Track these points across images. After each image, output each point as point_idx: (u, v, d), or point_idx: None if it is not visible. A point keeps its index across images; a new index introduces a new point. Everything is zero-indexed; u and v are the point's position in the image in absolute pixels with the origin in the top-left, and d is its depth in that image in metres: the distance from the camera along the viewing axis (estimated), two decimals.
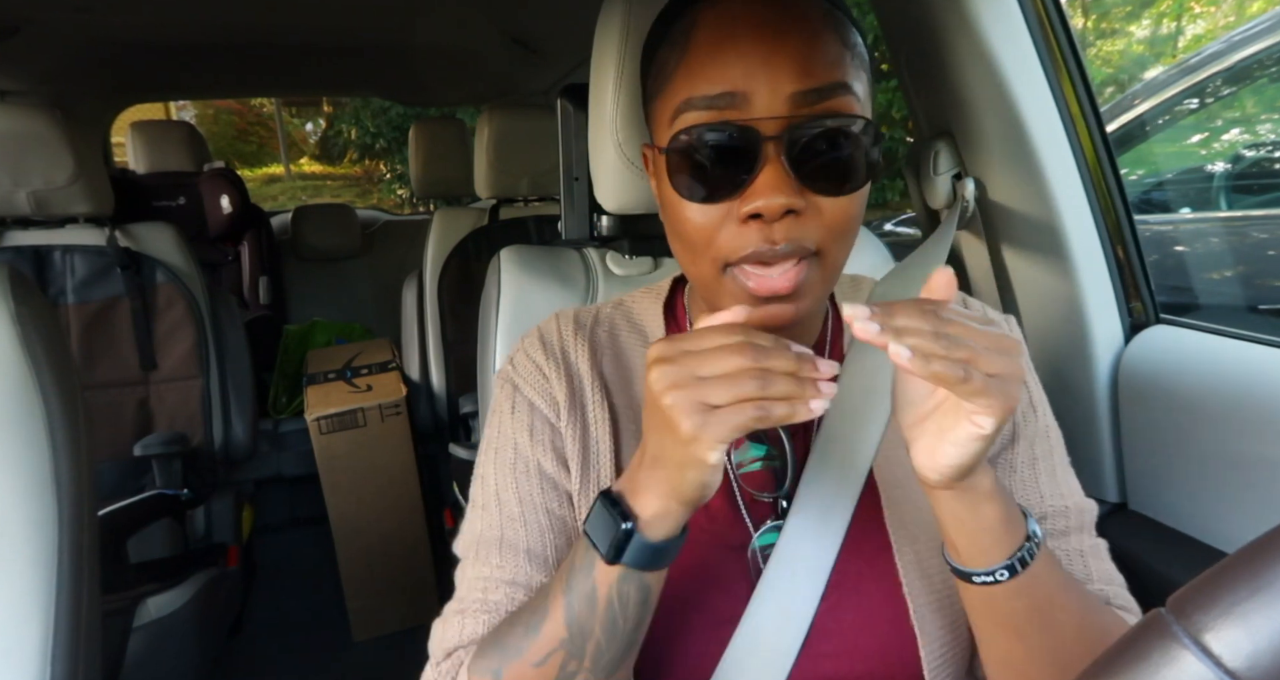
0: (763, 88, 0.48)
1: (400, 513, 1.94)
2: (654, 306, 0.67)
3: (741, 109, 0.49)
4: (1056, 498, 0.61)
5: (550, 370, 0.63)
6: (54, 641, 0.72)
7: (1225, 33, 2.68)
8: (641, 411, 0.61)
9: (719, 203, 0.51)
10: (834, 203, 0.50)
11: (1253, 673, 0.22)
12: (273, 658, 1.90)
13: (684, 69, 0.51)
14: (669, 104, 0.53)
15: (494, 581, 0.58)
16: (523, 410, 0.62)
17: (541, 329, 0.67)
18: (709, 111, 0.50)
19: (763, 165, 0.49)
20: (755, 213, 0.49)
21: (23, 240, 1.65)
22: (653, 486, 0.47)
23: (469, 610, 0.57)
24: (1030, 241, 0.99)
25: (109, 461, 1.66)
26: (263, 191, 9.32)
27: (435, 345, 2.03)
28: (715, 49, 0.50)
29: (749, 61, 0.49)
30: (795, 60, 0.48)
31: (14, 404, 0.75)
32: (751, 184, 0.49)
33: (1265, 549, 0.24)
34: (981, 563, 0.48)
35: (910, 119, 1.13)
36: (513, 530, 0.59)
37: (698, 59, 0.50)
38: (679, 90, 0.52)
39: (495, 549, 0.58)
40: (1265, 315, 1.58)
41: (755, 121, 0.49)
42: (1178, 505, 0.88)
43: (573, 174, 0.85)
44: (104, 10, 1.69)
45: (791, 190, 0.48)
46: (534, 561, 0.58)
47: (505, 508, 0.60)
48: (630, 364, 0.65)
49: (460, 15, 1.90)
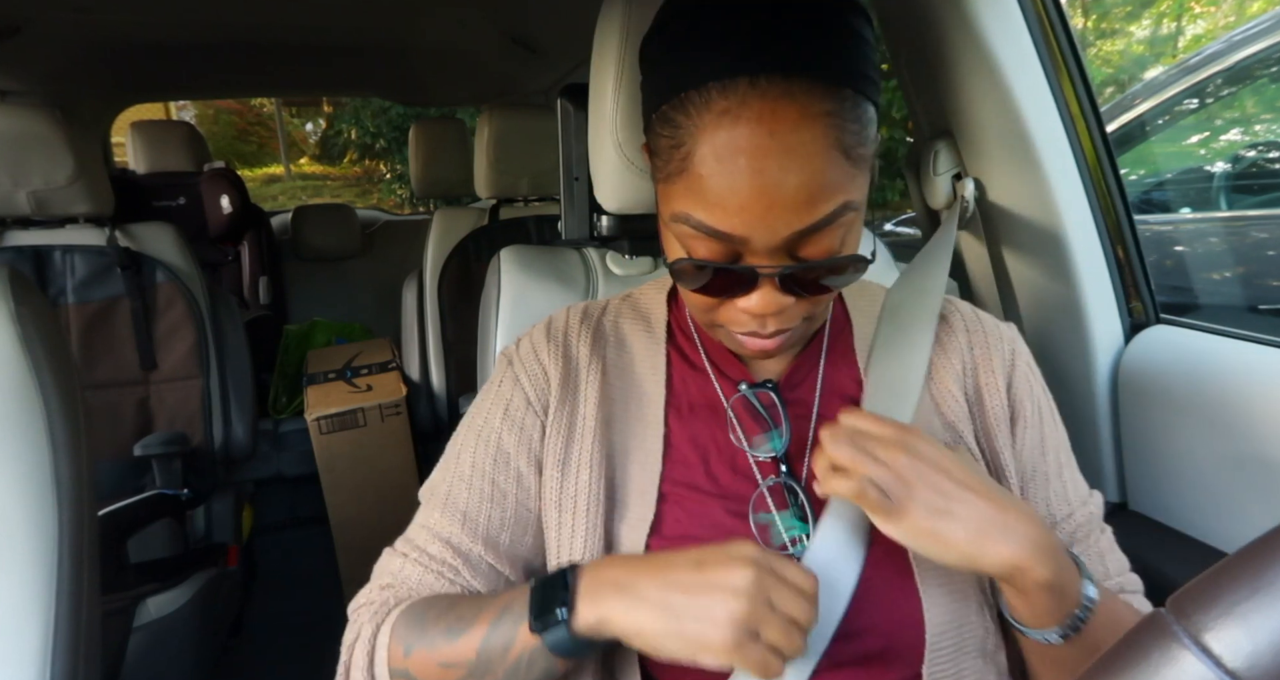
0: (760, 233, 0.49)
1: (400, 513, 1.91)
2: (658, 296, 0.70)
3: (740, 245, 0.50)
4: (1069, 505, 0.62)
5: (547, 355, 0.66)
6: (54, 641, 0.72)
7: (1225, 33, 2.68)
8: (641, 391, 0.64)
9: (715, 296, 0.54)
10: (825, 295, 0.54)
11: (1253, 673, 0.22)
12: (273, 658, 1.89)
13: (683, 178, 0.50)
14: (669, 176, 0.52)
15: (433, 535, 0.62)
16: (507, 386, 0.66)
17: (552, 318, 0.71)
18: (705, 238, 0.50)
19: (758, 287, 0.52)
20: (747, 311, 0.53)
21: (23, 240, 1.64)
22: (620, 608, 0.48)
23: (410, 556, 0.62)
24: (1030, 241, 0.99)
25: (109, 461, 1.66)
26: (263, 191, 9.31)
27: (435, 345, 2.03)
28: (716, 182, 0.48)
29: (748, 212, 0.48)
30: (797, 202, 0.47)
31: (14, 404, 0.74)
32: (747, 295, 0.52)
33: (1265, 549, 0.24)
34: (1036, 625, 0.51)
35: (910, 119, 1.13)
36: (458, 489, 0.63)
37: (698, 179, 0.49)
38: (677, 190, 0.51)
39: (441, 503, 0.63)
40: (1265, 315, 1.58)
41: (750, 264, 0.51)
42: (1178, 505, 0.88)
43: (573, 174, 0.85)
44: (104, 10, 1.68)
45: (784, 303, 0.52)
46: (466, 525, 0.61)
47: (459, 467, 0.64)
48: (632, 349, 0.67)
49: (460, 15, 1.90)
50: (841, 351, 0.66)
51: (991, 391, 0.63)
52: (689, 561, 0.48)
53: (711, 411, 0.63)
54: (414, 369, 2.06)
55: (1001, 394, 0.63)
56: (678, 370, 0.65)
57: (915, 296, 0.68)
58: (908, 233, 2.69)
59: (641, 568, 0.49)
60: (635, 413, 0.64)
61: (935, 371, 0.64)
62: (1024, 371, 0.64)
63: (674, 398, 0.64)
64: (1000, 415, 0.62)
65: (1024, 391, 0.63)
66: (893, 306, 0.68)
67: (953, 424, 0.62)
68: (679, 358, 0.66)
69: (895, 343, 0.64)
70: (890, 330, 0.65)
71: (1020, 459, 0.62)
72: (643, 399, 0.64)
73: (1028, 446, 0.63)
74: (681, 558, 0.49)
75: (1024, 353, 0.66)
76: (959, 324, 0.66)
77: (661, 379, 0.64)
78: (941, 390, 0.63)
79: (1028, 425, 0.63)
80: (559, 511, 0.60)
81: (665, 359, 0.66)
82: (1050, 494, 0.62)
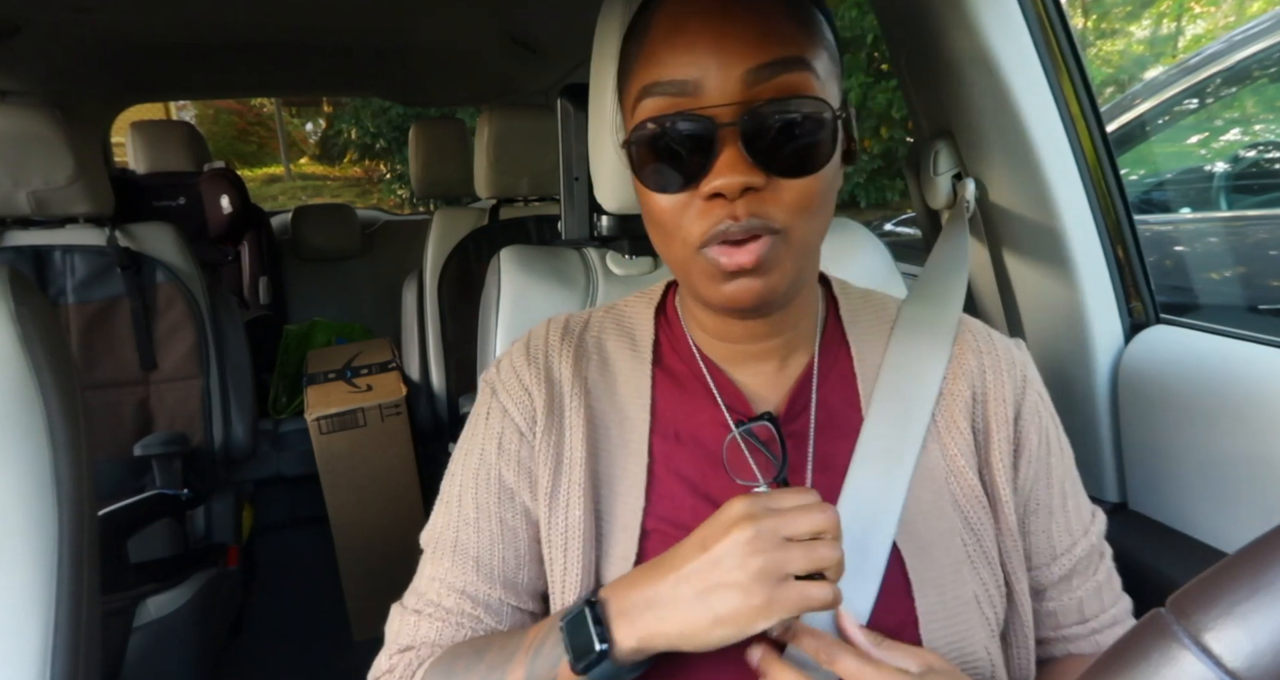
0: (714, 72, 0.49)
1: (400, 513, 1.94)
2: (645, 310, 0.66)
3: (695, 96, 0.50)
4: (1071, 537, 0.61)
5: (530, 378, 0.63)
6: (54, 641, 0.72)
7: (1225, 33, 2.68)
8: (624, 415, 0.61)
9: (683, 191, 0.51)
10: (796, 183, 0.50)
11: (1253, 673, 0.22)
12: (273, 658, 1.89)
13: (642, 59, 0.52)
14: (630, 95, 0.54)
15: (446, 587, 0.60)
16: (496, 418, 0.63)
17: (531, 334, 0.67)
18: (664, 98, 0.50)
19: (720, 150, 0.49)
20: (716, 192, 0.49)
21: (23, 240, 1.64)
22: (655, 622, 0.47)
23: (424, 612, 0.60)
24: (1030, 241, 0.99)
25: (109, 461, 1.66)
26: (263, 191, 9.31)
27: (435, 345, 2.03)
28: (669, 36, 0.50)
29: (699, 48, 0.49)
30: (745, 39, 0.49)
31: (14, 404, 0.74)
32: (711, 168, 0.50)
33: (1265, 549, 0.24)
34: None
35: (910, 119, 1.13)
36: (466, 534, 0.60)
37: (653, 47, 0.51)
38: (639, 79, 0.52)
39: (450, 552, 0.60)
40: (1265, 315, 1.58)
41: (708, 109, 0.49)
42: (1178, 505, 0.88)
43: (573, 174, 0.85)
44: (104, 10, 1.68)
45: (749, 170, 0.49)
46: (481, 571, 0.59)
47: (463, 510, 0.61)
48: (615, 368, 0.64)
49: (460, 15, 1.90)
50: (841, 374, 0.62)
51: (1000, 423, 0.59)
52: (694, 545, 0.48)
53: (698, 441, 0.59)
54: (414, 369, 2.07)
55: (1009, 425, 0.60)
56: (663, 393, 0.62)
57: (933, 314, 0.65)
58: (908, 233, 2.68)
59: (657, 574, 0.49)
60: (618, 439, 0.60)
61: (944, 401, 0.60)
62: (1034, 400, 0.61)
63: (658, 424, 0.60)
64: (1005, 448, 0.59)
65: (1031, 422, 0.61)
66: (907, 322, 0.64)
67: (954, 458, 0.59)
68: (666, 380, 0.62)
69: (905, 368, 0.61)
70: (902, 349, 0.62)
71: (1021, 492, 0.60)
72: (625, 424, 0.61)
73: (1030, 480, 0.60)
74: (686, 545, 0.48)
75: (1035, 379, 0.63)
76: (970, 344, 0.63)
77: (646, 403, 0.61)
78: (948, 422, 0.60)
79: (1033, 459, 0.60)
80: (549, 547, 0.58)
81: (650, 381, 0.62)
82: (1052, 527, 0.61)
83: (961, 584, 0.55)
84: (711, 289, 0.53)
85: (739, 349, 0.60)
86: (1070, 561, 0.61)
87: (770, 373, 0.61)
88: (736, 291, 0.52)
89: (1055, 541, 0.61)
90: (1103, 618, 0.61)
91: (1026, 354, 0.64)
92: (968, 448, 0.59)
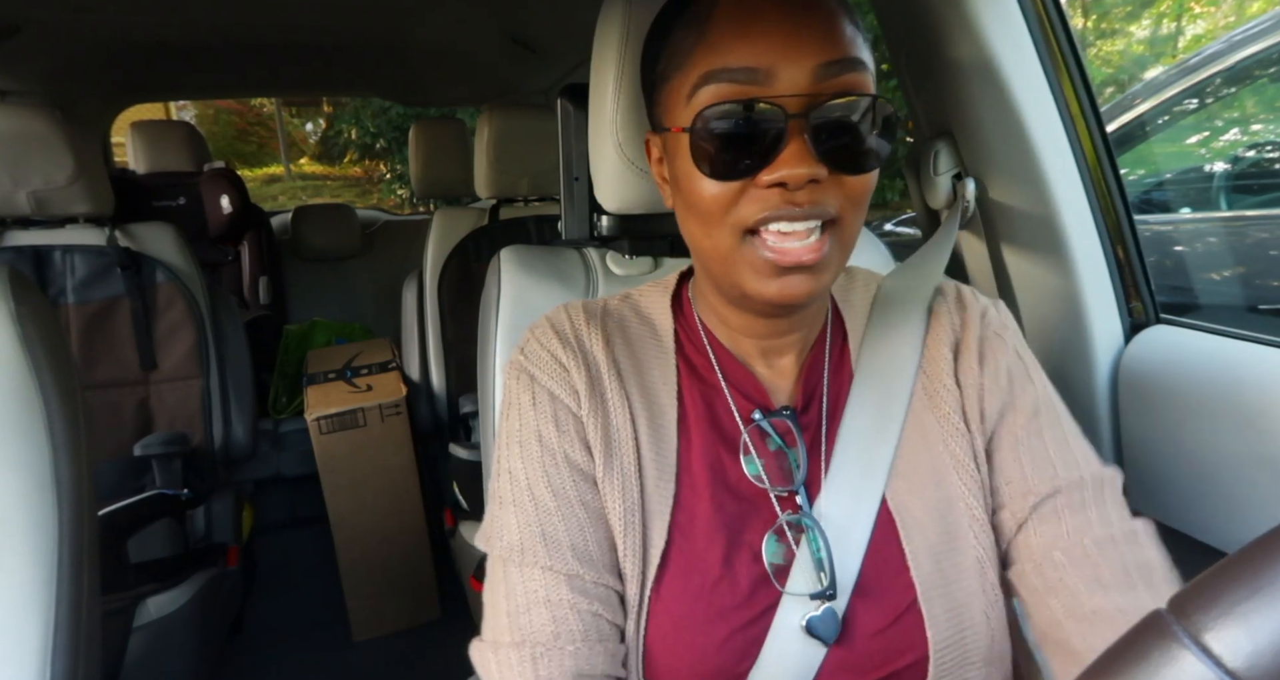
0: (786, 63, 0.49)
1: (400, 513, 1.94)
2: (661, 300, 0.66)
3: (764, 85, 0.50)
4: (1071, 467, 0.58)
5: (568, 359, 0.61)
6: (54, 641, 0.72)
7: (1225, 33, 2.68)
8: (654, 401, 0.61)
9: (739, 178, 0.51)
10: (852, 178, 0.51)
11: (1253, 673, 0.22)
12: (273, 658, 1.90)
13: (704, 46, 0.51)
14: (685, 82, 0.53)
15: (553, 581, 0.54)
16: (544, 401, 0.60)
17: (551, 318, 0.65)
18: (731, 85, 0.50)
19: (787, 142, 0.49)
20: (779, 182, 0.49)
21: (23, 240, 1.65)
22: None
23: (541, 643, 0.52)
24: (1030, 241, 0.99)
25: (109, 461, 1.66)
26: (263, 191, 9.31)
27: (435, 345, 2.03)
28: (738, 25, 0.50)
29: (772, 37, 0.49)
30: (818, 35, 0.49)
31: (14, 404, 0.74)
32: (775, 159, 0.49)
33: (1265, 549, 0.24)
34: None
35: (910, 119, 1.13)
36: (552, 525, 0.56)
37: (720, 35, 0.51)
38: (698, 66, 0.52)
39: (541, 545, 0.55)
40: (1265, 315, 1.58)
41: (779, 98, 0.49)
42: (1178, 505, 0.88)
43: (573, 174, 0.85)
44: (104, 10, 1.68)
45: (814, 163, 0.49)
46: (579, 557, 0.55)
47: (540, 503, 0.56)
48: (642, 355, 0.63)
49: (460, 15, 1.90)
50: (842, 358, 0.64)
51: (967, 369, 0.61)
52: None
53: (720, 433, 0.60)
54: (414, 369, 2.07)
55: (975, 371, 0.61)
56: (686, 383, 0.62)
57: (909, 284, 0.66)
58: (908, 233, 2.69)
59: None
60: (651, 424, 0.60)
61: (928, 362, 0.62)
62: (994, 341, 0.62)
63: (684, 413, 0.61)
64: (974, 395, 0.60)
65: (991, 357, 0.61)
66: (885, 295, 0.66)
67: (946, 416, 0.60)
68: (688, 370, 0.63)
69: (886, 334, 0.63)
70: (881, 320, 0.64)
71: (988, 422, 0.60)
72: (654, 409, 0.60)
73: (996, 411, 0.60)
74: None
75: (997, 322, 0.63)
76: (944, 308, 0.64)
77: (673, 391, 0.61)
78: (934, 382, 0.61)
79: (998, 390, 0.60)
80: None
81: (675, 370, 0.62)
82: (1050, 454, 0.58)
83: (962, 551, 0.56)
84: (759, 283, 0.52)
85: (759, 344, 0.61)
86: (1079, 495, 0.57)
87: (786, 366, 0.62)
88: (787, 287, 0.52)
89: (1058, 464, 0.58)
90: (1116, 528, 0.57)
91: (1005, 312, 0.65)
92: (956, 403, 0.60)
